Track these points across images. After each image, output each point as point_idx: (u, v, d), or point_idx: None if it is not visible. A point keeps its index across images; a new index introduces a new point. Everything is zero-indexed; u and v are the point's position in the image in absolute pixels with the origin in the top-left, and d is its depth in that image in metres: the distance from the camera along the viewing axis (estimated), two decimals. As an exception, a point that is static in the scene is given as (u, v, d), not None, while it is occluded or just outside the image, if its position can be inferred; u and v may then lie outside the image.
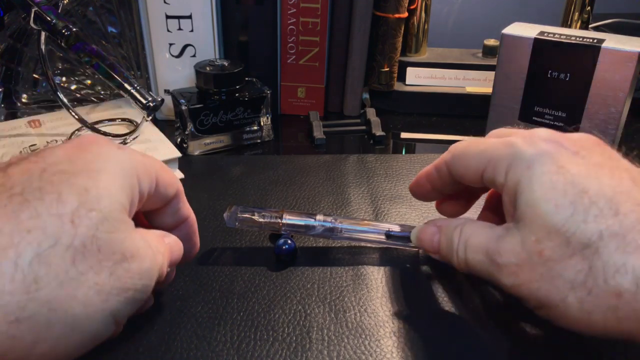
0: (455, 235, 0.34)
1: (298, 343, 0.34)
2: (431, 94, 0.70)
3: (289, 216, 0.41)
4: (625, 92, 0.49)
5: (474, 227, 0.33)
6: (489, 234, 0.32)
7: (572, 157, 0.29)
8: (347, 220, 0.42)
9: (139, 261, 0.25)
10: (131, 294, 0.25)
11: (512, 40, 0.53)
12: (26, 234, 0.22)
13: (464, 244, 0.33)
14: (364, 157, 0.58)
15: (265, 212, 0.41)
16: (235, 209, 0.41)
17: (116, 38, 0.68)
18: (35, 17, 0.47)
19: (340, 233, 0.41)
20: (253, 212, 0.41)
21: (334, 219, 0.41)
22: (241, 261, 0.42)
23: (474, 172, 0.33)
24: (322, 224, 0.41)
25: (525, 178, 0.29)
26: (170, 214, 0.33)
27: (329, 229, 0.41)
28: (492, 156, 0.32)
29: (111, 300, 0.24)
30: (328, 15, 0.64)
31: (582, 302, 0.27)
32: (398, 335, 0.35)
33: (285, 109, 0.70)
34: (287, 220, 0.41)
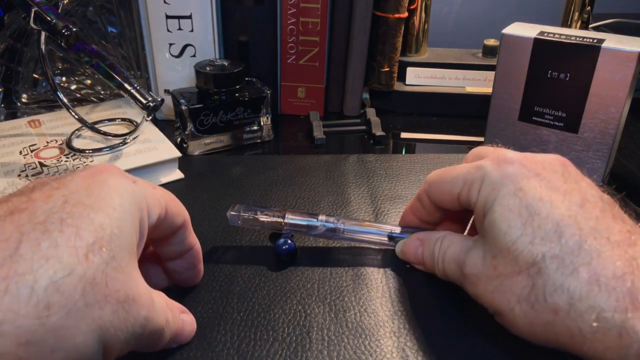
0: (436, 248, 0.37)
1: (298, 343, 0.34)
2: (431, 94, 0.70)
3: (292, 216, 0.41)
4: (625, 92, 0.49)
5: (451, 239, 0.37)
6: (462, 246, 0.35)
7: (531, 180, 0.32)
8: (349, 220, 0.42)
9: (139, 306, 0.26)
10: (126, 336, 0.25)
11: (512, 40, 0.53)
12: (44, 262, 0.23)
13: (443, 255, 0.36)
14: (364, 157, 0.58)
15: (268, 212, 0.41)
16: (239, 208, 0.41)
17: (116, 38, 0.68)
18: (35, 17, 0.47)
19: (342, 234, 0.41)
20: (256, 211, 0.41)
21: (337, 219, 0.41)
22: (241, 261, 0.42)
23: (450, 196, 0.36)
24: (325, 224, 0.41)
25: (491, 198, 0.32)
26: (176, 242, 0.34)
27: (331, 229, 0.41)
28: (465, 180, 0.34)
29: (108, 336, 0.24)
30: (328, 15, 0.64)
31: (526, 314, 0.30)
32: (398, 335, 0.35)
33: (285, 109, 0.70)
34: (289, 220, 0.41)
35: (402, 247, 0.41)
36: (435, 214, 0.39)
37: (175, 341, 0.32)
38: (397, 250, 0.41)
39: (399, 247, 0.41)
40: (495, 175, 0.33)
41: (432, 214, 0.39)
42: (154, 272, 0.36)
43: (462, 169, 0.35)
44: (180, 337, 0.33)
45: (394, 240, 0.41)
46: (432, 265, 0.38)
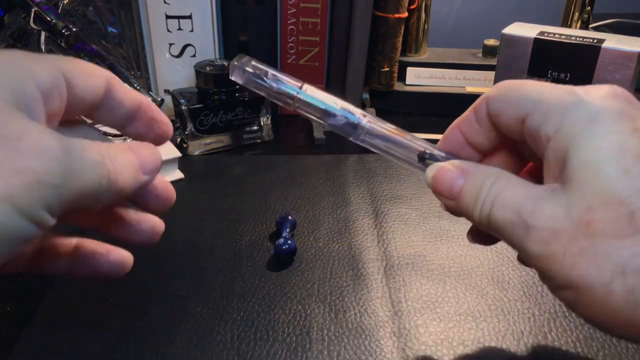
0: (486, 185, 0.27)
1: (298, 343, 0.34)
2: (431, 94, 0.70)
3: (310, 92, 0.32)
4: (626, 92, 0.49)
5: (509, 181, 0.27)
6: (528, 191, 0.26)
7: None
8: (378, 122, 0.33)
9: (31, 141, 0.21)
10: (32, 177, 0.21)
11: (512, 40, 0.53)
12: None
13: (493, 197, 0.27)
14: (364, 157, 0.58)
15: (283, 77, 0.32)
16: (248, 60, 0.32)
17: (116, 38, 0.68)
18: (35, 17, 0.47)
19: (364, 135, 0.33)
20: (267, 72, 0.32)
21: (363, 115, 0.32)
22: (241, 261, 0.42)
23: (515, 113, 0.27)
24: (346, 116, 0.32)
25: (587, 132, 0.24)
26: (115, 104, 0.29)
27: (353, 124, 0.32)
28: (544, 98, 0.26)
29: (10, 186, 0.20)
30: (328, 15, 0.64)
31: (632, 292, 0.22)
32: (398, 335, 0.35)
33: (285, 109, 0.70)
34: (304, 97, 0.32)
35: (435, 172, 0.30)
36: (490, 135, 0.30)
37: (146, 172, 0.27)
38: (427, 176, 0.31)
39: (430, 172, 0.31)
40: (597, 105, 0.24)
41: (486, 134, 0.30)
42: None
43: (546, 85, 0.27)
44: (147, 165, 0.28)
45: (424, 163, 0.32)
46: (470, 205, 0.28)
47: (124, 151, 0.26)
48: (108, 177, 0.24)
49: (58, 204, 0.22)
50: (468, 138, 0.31)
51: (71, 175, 0.22)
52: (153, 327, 0.35)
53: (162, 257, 0.42)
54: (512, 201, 0.26)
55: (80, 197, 0.23)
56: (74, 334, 0.35)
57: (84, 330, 0.35)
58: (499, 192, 0.27)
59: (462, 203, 0.29)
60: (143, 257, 0.42)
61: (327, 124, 0.33)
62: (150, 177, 0.28)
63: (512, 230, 0.26)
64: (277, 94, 0.32)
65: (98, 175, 0.24)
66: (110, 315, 0.36)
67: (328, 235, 0.45)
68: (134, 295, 0.38)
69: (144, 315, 0.36)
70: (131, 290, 0.39)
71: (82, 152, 0.23)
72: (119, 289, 0.39)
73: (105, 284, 0.39)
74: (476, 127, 0.30)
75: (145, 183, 0.27)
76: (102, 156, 0.24)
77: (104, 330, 0.35)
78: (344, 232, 0.45)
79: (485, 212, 0.27)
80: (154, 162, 0.28)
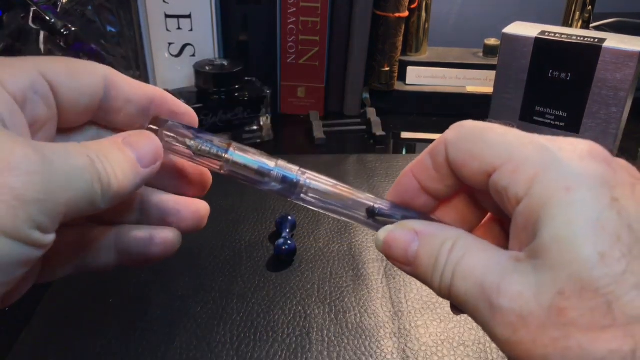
0: (444, 250, 0.24)
1: (298, 344, 0.34)
2: (432, 93, 0.70)
3: (239, 152, 0.28)
4: (627, 91, 0.49)
5: (470, 245, 0.24)
6: (491, 261, 0.23)
7: (628, 189, 0.21)
8: (319, 178, 0.29)
9: (3, 155, 0.19)
10: (10, 194, 0.19)
11: (513, 40, 0.53)
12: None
13: (454, 265, 0.24)
14: (364, 157, 0.58)
15: (206, 137, 0.28)
16: (164, 123, 0.28)
17: (115, 37, 0.68)
18: (34, 17, 0.47)
19: (306, 194, 0.29)
20: (188, 133, 0.28)
21: (301, 172, 0.29)
22: (241, 261, 0.42)
23: (480, 166, 0.24)
24: (283, 173, 0.28)
25: (561, 202, 0.21)
26: (119, 106, 0.26)
27: (291, 182, 0.29)
28: (513, 154, 0.23)
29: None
30: (328, 15, 0.64)
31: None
32: (399, 336, 0.35)
33: (285, 109, 0.70)
34: (234, 156, 0.28)
35: (386, 237, 0.27)
36: (448, 182, 0.26)
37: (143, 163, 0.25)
38: (378, 240, 0.27)
39: (381, 235, 0.27)
40: (573, 168, 0.21)
41: (444, 181, 0.26)
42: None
43: (515, 135, 0.24)
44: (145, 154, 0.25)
45: (374, 218, 0.28)
46: (429, 272, 0.25)
47: (116, 148, 0.24)
48: (100, 181, 0.22)
49: (47, 219, 0.20)
50: (423, 185, 0.27)
51: (55, 186, 0.20)
52: (152, 327, 0.35)
53: (161, 257, 0.42)
54: (474, 272, 0.23)
55: (72, 207, 0.21)
56: (74, 334, 0.35)
57: (84, 331, 0.35)
58: (459, 260, 0.24)
59: (419, 270, 0.26)
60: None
61: (261, 188, 0.29)
62: (153, 168, 0.25)
63: (477, 306, 0.23)
64: (201, 153, 0.28)
65: (87, 181, 0.22)
66: (110, 316, 0.36)
67: (328, 236, 0.45)
68: (133, 295, 0.38)
69: (144, 315, 0.36)
70: (131, 291, 0.39)
71: (66, 159, 0.21)
72: (119, 289, 0.39)
73: (104, 284, 0.39)
74: (432, 173, 0.26)
75: (149, 176, 0.25)
76: (89, 159, 0.22)
77: (103, 330, 0.35)
78: (344, 232, 0.45)
79: (445, 282, 0.24)
80: (153, 153, 0.25)
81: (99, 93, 0.26)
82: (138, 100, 0.27)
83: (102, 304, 0.37)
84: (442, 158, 0.25)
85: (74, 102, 0.25)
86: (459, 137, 0.25)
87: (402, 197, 0.28)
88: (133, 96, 0.27)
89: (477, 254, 0.23)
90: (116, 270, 0.41)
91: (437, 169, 0.26)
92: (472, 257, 0.23)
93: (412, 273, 0.26)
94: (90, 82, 0.25)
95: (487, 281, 0.22)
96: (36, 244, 0.20)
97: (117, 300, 0.38)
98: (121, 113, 0.27)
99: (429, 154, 0.26)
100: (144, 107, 0.27)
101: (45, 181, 0.20)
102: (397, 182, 0.28)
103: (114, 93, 0.26)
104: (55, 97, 0.24)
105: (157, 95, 0.27)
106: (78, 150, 0.22)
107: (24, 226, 0.19)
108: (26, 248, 0.20)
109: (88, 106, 0.26)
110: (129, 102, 0.27)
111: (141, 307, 0.37)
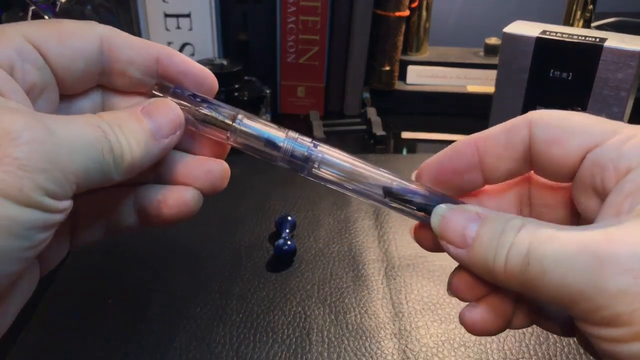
0: (510, 229, 0.21)
1: (298, 345, 0.34)
2: (432, 93, 0.70)
3: (248, 121, 0.26)
4: (628, 91, 0.49)
5: (542, 224, 0.21)
6: (579, 229, 0.20)
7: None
8: (333, 151, 0.27)
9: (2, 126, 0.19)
10: (13, 164, 0.19)
11: (513, 39, 0.53)
12: None
13: (526, 243, 0.20)
14: (365, 157, 0.58)
15: (213, 106, 0.26)
16: (169, 89, 0.26)
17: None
18: (33, 16, 0.47)
19: (318, 169, 0.27)
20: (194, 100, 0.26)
21: (314, 144, 0.27)
22: (240, 262, 0.41)
23: (579, 143, 0.22)
24: (294, 145, 0.27)
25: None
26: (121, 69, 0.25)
27: (303, 157, 0.27)
28: (620, 129, 0.22)
29: None
30: (328, 14, 0.64)
31: None
32: (399, 337, 0.35)
33: (285, 109, 0.70)
34: (242, 126, 0.26)
35: (443, 217, 0.24)
36: (514, 164, 0.24)
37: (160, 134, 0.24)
38: (435, 218, 0.24)
39: (438, 213, 0.24)
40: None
41: (510, 161, 0.24)
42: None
43: (596, 118, 0.23)
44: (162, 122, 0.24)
45: (392, 197, 0.26)
46: (489, 255, 0.22)
47: (133, 118, 0.23)
48: (112, 152, 0.21)
49: (56, 187, 0.20)
50: (485, 160, 0.25)
51: (60, 156, 0.20)
52: (152, 328, 0.35)
53: (160, 257, 0.42)
54: (559, 238, 0.20)
55: (83, 178, 0.20)
56: (73, 335, 0.35)
57: (83, 331, 0.35)
58: (534, 232, 0.21)
59: (477, 252, 0.23)
60: (142, 258, 0.42)
61: (271, 161, 0.27)
62: (172, 138, 0.24)
63: (570, 272, 0.19)
64: (209, 120, 0.26)
65: (97, 151, 0.21)
66: (109, 316, 0.36)
67: (328, 236, 0.45)
68: (132, 295, 0.38)
69: (143, 316, 0.36)
70: (130, 291, 0.38)
71: (70, 129, 0.20)
72: (118, 290, 0.38)
73: (103, 285, 0.39)
74: (501, 151, 0.24)
75: (167, 146, 0.24)
76: (101, 130, 0.21)
77: (102, 331, 0.35)
78: (345, 233, 0.45)
79: (514, 262, 0.21)
80: (172, 123, 0.24)
81: (94, 56, 0.24)
82: (142, 61, 0.25)
83: (101, 304, 0.37)
84: (521, 137, 0.24)
85: (67, 67, 0.24)
86: (550, 117, 0.23)
87: (453, 164, 0.25)
88: (136, 57, 0.25)
89: (556, 227, 0.21)
90: (115, 270, 0.41)
91: (510, 147, 0.24)
92: (550, 228, 0.20)
93: (467, 258, 0.23)
94: (83, 45, 0.24)
95: (585, 239, 0.19)
96: (50, 209, 0.20)
97: (116, 301, 0.38)
98: (124, 76, 0.25)
99: (503, 131, 0.24)
100: (149, 68, 0.25)
101: (47, 151, 0.19)
102: (454, 149, 0.25)
103: (114, 55, 0.24)
104: (47, 62, 0.23)
105: (163, 54, 0.25)
106: (88, 121, 0.21)
107: (32, 193, 0.19)
108: (39, 213, 0.19)
109: (86, 70, 0.24)
110: (131, 64, 0.25)
111: (140, 307, 0.37)
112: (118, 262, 0.41)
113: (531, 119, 0.24)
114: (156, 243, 0.43)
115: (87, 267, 0.41)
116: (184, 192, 0.26)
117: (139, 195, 0.26)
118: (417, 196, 0.25)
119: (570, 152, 0.22)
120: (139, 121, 0.23)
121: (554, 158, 0.23)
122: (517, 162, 0.24)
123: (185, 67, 0.25)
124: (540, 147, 0.23)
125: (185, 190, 0.26)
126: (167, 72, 0.25)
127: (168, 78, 0.25)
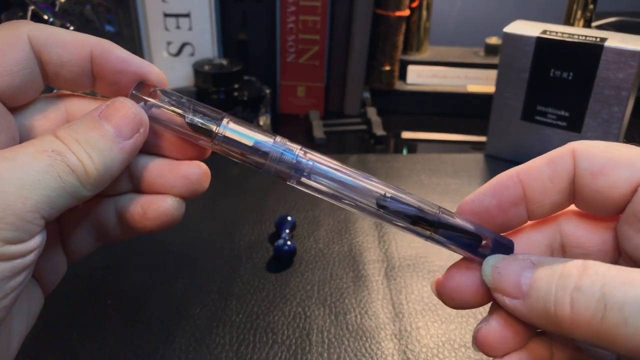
0: (571, 272, 0.20)
1: (298, 345, 0.34)
2: (432, 93, 0.70)
3: (234, 125, 0.25)
4: (629, 91, 0.49)
5: (617, 268, 0.19)
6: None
7: None
8: (323, 159, 0.25)
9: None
10: None
11: (514, 39, 0.53)
12: None
13: (598, 292, 0.18)
14: (365, 156, 0.58)
15: (196, 109, 0.25)
16: (147, 90, 0.24)
17: (114, 36, 0.68)
18: (32, 16, 0.47)
19: (307, 177, 0.25)
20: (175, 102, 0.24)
21: (303, 152, 0.25)
22: (240, 262, 0.41)
23: (628, 174, 0.21)
24: (282, 151, 0.25)
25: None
26: (55, 70, 0.23)
27: (292, 164, 0.25)
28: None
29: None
30: (328, 13, 0.64)
31: None
32: (399, 337, 0.35)
33: (284, 108, 0.70)
34: (227, 130, 0.25)
35: (495, 268, 0.22)
36: (558, 197, 0.23)
37: (119, 133, 0.22)
38: (486, 269, 0.23)
39: (489, 263, 0.23)
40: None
41: (555, 193, 0.23)
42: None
43: (636, 148, 0.22)
44: (120, 122, 0.22)
45: (386, 210, 0.24)
46: (548, 305, 0.20)
47: (91, 126, 0.21)
48: (72, 173, 0.20)
49: (16, 232, 0.19)
50: (529, 194, 0.23)
51: (9, 201, 0.18)
52: (151, 328, 0.35)
53: (160, 257, 0.42)
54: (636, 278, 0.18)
55: (46, 209, 0.19)
56: (72, 335, 0.35)
57: (81, 332, 0.35)
58: (606, 277, 0.19)
59: (537, 304, 0.21)
60: (141, 258, 0.42)
61: (259, 169, 0.25)
62: (137, 138, 0.22)
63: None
64: (192, 128, 0.24)
65: (52, 177, 0.19)
66: (108, 317, 0.36)
67: (328, 236, 0.44)
68: (131, 296, 0.38)
69: (142, 316, 0.36)
70: (129, 291, 0.38)
71: (17, 167, 0.19)
72: (117, 290, 0.38)
73: (102, 285, 0.39)
74: (546, 184, 0.23)
75: (134, 147, 0.22)
76: (54, 152, 0.20)
77: (101, 331, 0.35)
78: (345, 233, 0.45)
79: (586, 306, 0.19)
80: (132, 122, 0.22)
81: (30, 63, 0.22)
82: (75, 62, 0.23)
83: (100, 304, 0.37)
84: (566, 169, 0.23)
85: (7, 83, 0.22)
86: (595, 148, 0.22)
87: (498, 199, 0.24)
88: (67, 57, 0.22)
89: (628, 269, 0.19)
90: (114, 270, 0.41)
91: (555, 180, 0.23)
92: (623, 270, 0.19)
93: (525, 308, 0.21)
94: (15, 57, 0.22)
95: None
96: (14, 257, 0.19)
97: (115, 301, 0.37)
98: (59, 79, 0.23)
99: (547, 163, 0.23)
100: (82, 68, 0.23)
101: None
102: (497, 183, 0.24)
103: (45, 57, 0.22)
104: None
105: (97, 51, 0.23)
106: (37, 149, 0.20)
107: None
108: (4, 264, 0.19)
109: (25, 80, 0.22)
110: (63, 66, 0.23)
111: (139, 308, 0.37)
112: (117, 262, 0.41)
113: (575, 150, 0.23)
114: (155, 243, 0.43)
115: (86, 267, 0.40)
116: (162, 202, 0.25)
117: (118, 206, 0.25)
118: (412, 209, 0.24)
119: (618, 184, 0.22)
120: (97, 129, 0.21)
121: (600, 190, 0.22)
122: (561, 195, 0.23)
123: (122, 66, 0.23)
124: (585, 179, 0.22)
125: (163, 200, 0.25)
126: (102, 72, 0.23)
127: (105, 79, 0.23)
